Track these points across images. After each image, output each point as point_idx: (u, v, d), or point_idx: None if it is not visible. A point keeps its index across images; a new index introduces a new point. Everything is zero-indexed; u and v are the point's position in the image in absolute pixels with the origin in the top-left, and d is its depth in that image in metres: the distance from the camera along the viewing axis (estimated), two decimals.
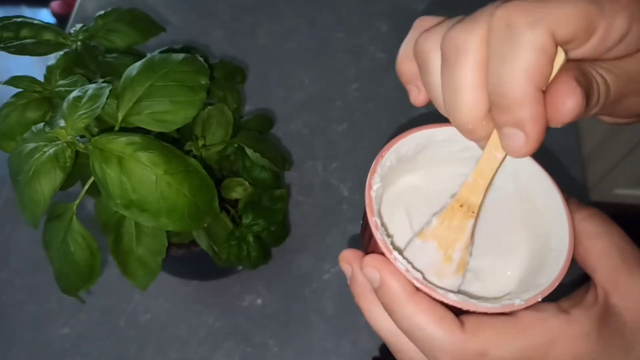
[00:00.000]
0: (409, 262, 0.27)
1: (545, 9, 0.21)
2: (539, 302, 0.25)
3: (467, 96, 0.23)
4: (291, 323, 0.58)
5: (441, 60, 0.24)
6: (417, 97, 0.28)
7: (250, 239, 0.49)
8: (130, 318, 0.58)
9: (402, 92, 0.29)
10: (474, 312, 0.25)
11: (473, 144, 0.26)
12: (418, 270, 0.27)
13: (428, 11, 0.80)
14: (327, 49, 0.78)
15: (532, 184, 0.29)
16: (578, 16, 0.21)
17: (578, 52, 0.23)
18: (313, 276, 0.60)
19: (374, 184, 0.28)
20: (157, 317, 0.58)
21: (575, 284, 0.27)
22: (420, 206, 0.31)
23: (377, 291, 0.26)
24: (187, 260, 0.53)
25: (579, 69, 0.23)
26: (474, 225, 0.28)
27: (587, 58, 0.23)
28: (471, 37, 0.22)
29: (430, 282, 0.25)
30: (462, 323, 0.24)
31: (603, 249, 0.26)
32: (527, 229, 0.30)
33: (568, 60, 0.22)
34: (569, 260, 0.26)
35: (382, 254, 0.26)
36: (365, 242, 0.29)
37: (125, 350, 0.57)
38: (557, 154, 0.66)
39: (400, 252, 0.28)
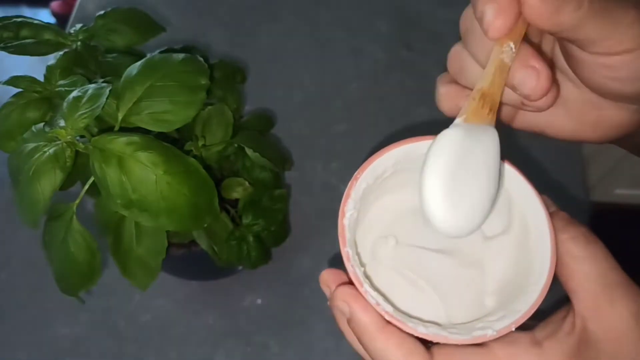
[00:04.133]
0: None
1: None
2: (512, 332, 0.24)
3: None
4: (291, 323, 0.58)
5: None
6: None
7: (250, 239, 0.49)
8: (130, 318, 0.58)
9: (402, 92, 0.29)
10: (445, 344, 0.25)
11: None
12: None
13: (428, 11, 0.80)
14: (327, 49, 0.78)
15: (519, 201, 0.28)
16: None
17: None
18: (313, 276, 0.60)
19: (347, 211, 0.27)
20: (157, 317, 0.58)
21: (554, 307, 0.26)
22: (404, 226, 0.30)
23: (349, 323, 0.27)
24: (187, 260, 0.53)
25: None
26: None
27: None
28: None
29: (402, 313, 0.25)
30: (432, 356, 0.25)
31: (585, 274, 0.25)
32: (511, 244, 0.29)
33: None
34: (547, 287, 0.25)
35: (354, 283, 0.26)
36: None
37: (125, 350, 0.57)
38: (557, 154, 0.66)
39: (371, 281, 0.28)
